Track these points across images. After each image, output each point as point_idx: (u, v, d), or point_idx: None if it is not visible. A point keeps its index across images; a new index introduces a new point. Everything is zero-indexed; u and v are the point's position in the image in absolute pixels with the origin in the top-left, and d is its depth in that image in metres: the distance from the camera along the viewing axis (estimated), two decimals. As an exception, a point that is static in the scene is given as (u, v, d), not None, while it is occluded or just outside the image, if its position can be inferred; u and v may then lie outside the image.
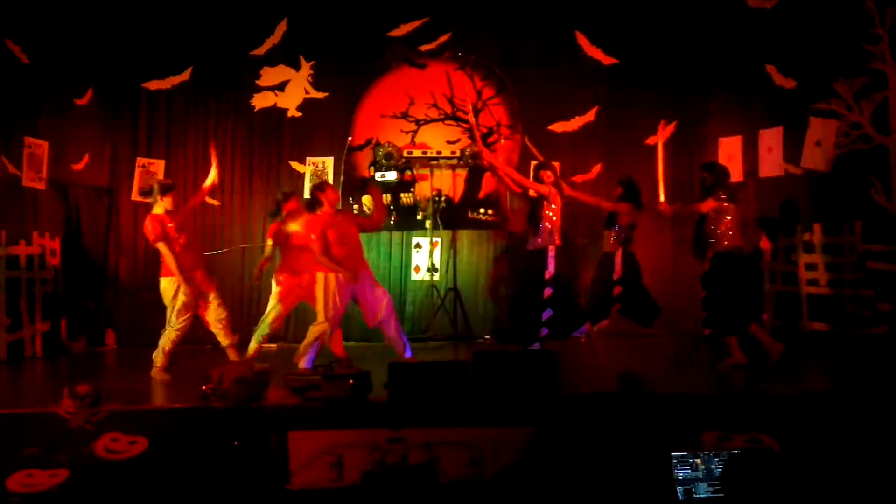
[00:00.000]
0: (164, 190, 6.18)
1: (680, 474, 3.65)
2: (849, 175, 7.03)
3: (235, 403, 4.61)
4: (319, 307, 6.22)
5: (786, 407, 4.67)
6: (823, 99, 7.12)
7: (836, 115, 7.05)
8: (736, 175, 8.10)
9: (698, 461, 3.67)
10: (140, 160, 8.48)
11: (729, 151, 8.19)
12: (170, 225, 6.10)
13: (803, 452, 4.20)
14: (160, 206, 6.14)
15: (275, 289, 6.66)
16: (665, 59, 8.53)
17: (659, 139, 7.03)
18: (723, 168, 6.61)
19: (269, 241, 6.85)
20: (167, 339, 6.12)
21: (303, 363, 6.10)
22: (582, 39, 8.59)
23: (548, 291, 6.41)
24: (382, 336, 6.39)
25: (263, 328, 6.59)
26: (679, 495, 3.62)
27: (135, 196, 8.45)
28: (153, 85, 8.53)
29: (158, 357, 6.10)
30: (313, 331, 6.21)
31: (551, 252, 6.45)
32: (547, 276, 6.42)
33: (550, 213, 6.49)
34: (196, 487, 4.22)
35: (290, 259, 6.61)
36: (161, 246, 6.08)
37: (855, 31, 6.85)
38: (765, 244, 7.79)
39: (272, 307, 6.64)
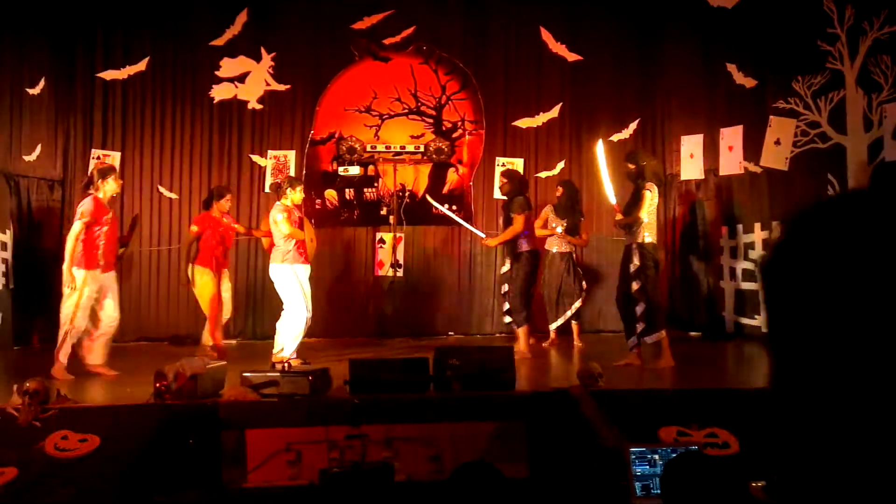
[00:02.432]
0: (103, 174, 6.01)
1: (637, 470, 3.63)
2: (806, 173, 7.14)
3: (190, 401, 4.54)
4: (287, 298, 6.19)
5: (744, 403, 4.70)
6: (783, 97, 7.22)
7: (795, 113, 7.15)
8: (697, 172, 8.22)
9: (656, 457, 3.65)
10: (94, 152, 8.27)
11: (691, 149, 8.29)
12: (107, 216, 5.95)
13: (754, 451, 4.23)
14: (102, 192, 5.98)
15: (197, 282, 6.60)
16: (628, 57, 8.58)
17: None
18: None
19: (195, 228, 6.69)
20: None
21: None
22: (546, 36, 8.60)
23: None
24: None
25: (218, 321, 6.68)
26: (637, 491, 3.60)
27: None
28: (108, 75, 8.33)
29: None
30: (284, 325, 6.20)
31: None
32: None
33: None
34: (150, 486, 4.16)
35: (212, 252, 6.58)
36: (77, 225, 5.84)
37: (814, 31, 6.95)
38: (725, 241, 7.90)
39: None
